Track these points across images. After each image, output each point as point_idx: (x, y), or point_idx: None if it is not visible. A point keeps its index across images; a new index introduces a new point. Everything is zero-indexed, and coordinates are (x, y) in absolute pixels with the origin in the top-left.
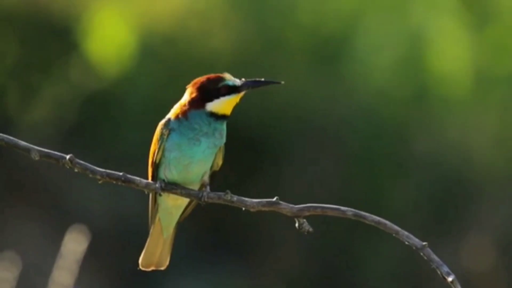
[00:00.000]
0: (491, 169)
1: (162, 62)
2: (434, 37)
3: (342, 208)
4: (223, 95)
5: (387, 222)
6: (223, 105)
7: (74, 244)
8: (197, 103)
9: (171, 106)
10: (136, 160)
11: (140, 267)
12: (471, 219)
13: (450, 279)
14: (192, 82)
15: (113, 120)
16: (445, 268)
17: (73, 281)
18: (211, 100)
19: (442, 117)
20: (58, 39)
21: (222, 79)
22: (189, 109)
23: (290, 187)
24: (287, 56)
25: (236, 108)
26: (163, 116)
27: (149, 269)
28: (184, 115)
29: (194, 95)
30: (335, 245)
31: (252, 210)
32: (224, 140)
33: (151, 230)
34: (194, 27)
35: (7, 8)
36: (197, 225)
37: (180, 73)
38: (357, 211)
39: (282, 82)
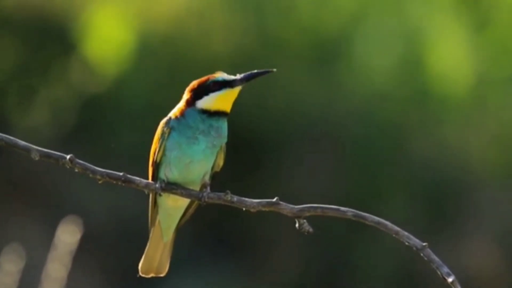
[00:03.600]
0: (489, 170)
1: (161, 63)
2: (433, 38)
3: (342, 208)
4: (213, 91)
5: (387, 222)
6: (214, 100)
7: (67, 236)
8: (190, 102)
9: (170, 106)
10: (135, 160)
11: (140, 273)
12: (469, 220)
13: (450, 279)
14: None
15: (112, 120)
16: (445, 269)
17: (66, 273)
18: (200, 97)
19: (441, 118)
20: (56, 40)
21: (211, 77)
22: (185, 108)
23: (289, 188)
24: (286, 57)
25: (236, 108)
26: (163, 117)
27: (149, 276)
28: (181, 114)
29: (188, 95)
30: (334, 246)
31: (252, 210)
32: (224, 139)
33: (150, 234)
34: (193, 27)
35: (5, 10)
36: (197, 227)
37: (179, 74)
38: (357, 211)
39: (274, 70)
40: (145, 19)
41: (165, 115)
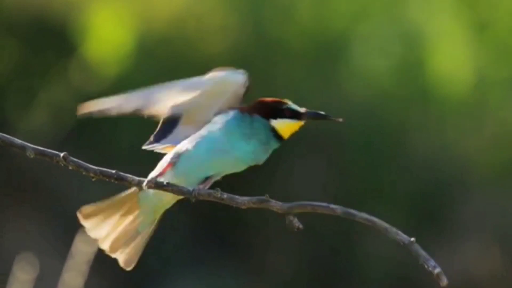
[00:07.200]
0: (489, 170)
1: (161, 63)
2: (433, 38)
3: (332, 206)
4: (286, 117)
5: (376, 219)
6: (284, 126)
7: (84, 246)
8: (263, 114)
9: None
10: (135, 159)
11: (81, 216)
12: (468, 220)
13: (436, 271)
14: (256, 100)
15: (112, 120)
16: (432, 262)
17: (83, 283)
18: (275, 117)
19: (441, 118)
20: (56, 41)
21: (285, 102)
22: (254, 113)
23: (288, 187)
24: (285, 57)
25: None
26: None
27: (112, 254)
28: (250, 114)
29: (259, 107)
30: (334, 246)
31: (242, 207)
32: (264, 158)
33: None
34: (192, 28)
35: (5, 11)
36: (197, 227)
37: (179, 74)
38: (346, 209)
39: (341, 120)
40: (145, 19)
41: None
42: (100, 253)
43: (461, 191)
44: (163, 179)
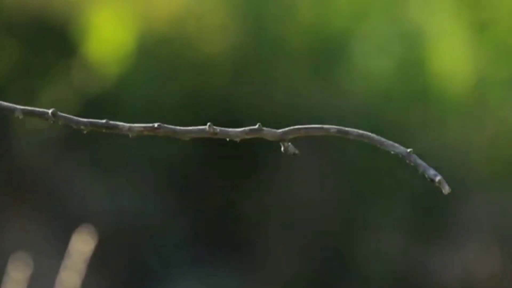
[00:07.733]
0: (490, 170)
1: (161, 63)
2: (433, 38)
3: (325, 126)
4: None
5: (370, 134)
6: None
7: (81, 245)
8: None
9: (172, 106)
10: (136, 160)
11: None
12: (469, 221)
13: (437, 179)
14: None
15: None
16: (432, 171)
17: (81, 283)
18: None
19: (441, 118)
20: (57, 41)
21: None
22: None
23: (288, 188)
24: (285, 58)
25: (235, 110)
26: (162, 117)
27: None
28: None
29: None
30: (333, 246)
31: (236, 139)
32: None
33: None
34: (193, 28)
35: (6, 11)
36: (197, 226)
37: (180, 74)
38: (340, 127)
39: None
40: (145, 19)
41: (167, 115)
42: (100, 252)
43: (461, 191)
44: None
